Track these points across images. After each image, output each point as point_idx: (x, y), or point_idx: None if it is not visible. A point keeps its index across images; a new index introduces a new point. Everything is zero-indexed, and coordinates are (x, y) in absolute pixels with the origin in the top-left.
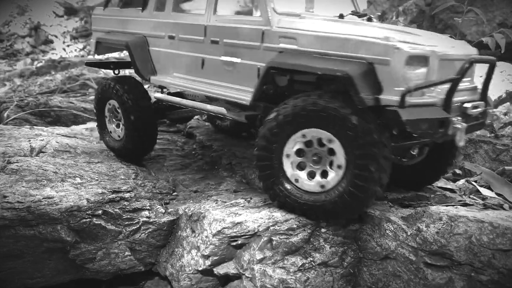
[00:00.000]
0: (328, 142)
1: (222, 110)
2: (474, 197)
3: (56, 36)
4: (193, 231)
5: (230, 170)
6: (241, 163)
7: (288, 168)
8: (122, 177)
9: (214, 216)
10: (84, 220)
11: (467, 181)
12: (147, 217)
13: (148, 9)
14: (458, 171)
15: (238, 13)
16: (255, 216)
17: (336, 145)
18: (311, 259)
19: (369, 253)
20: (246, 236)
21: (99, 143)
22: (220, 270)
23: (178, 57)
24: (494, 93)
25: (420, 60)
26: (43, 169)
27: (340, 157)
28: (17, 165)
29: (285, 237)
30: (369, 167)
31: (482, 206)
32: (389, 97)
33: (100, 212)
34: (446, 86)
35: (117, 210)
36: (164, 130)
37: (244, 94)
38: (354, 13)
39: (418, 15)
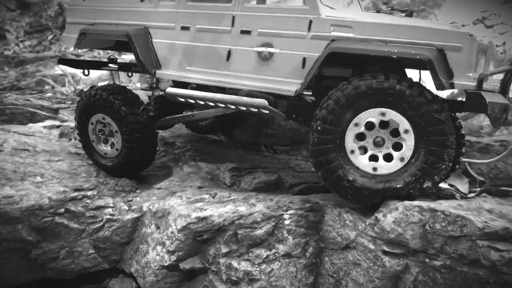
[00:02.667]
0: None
1: (263, 102)
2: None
3: (8, 31)
4: (158, 228)
5: (194, 167)
6: (205, 159)
7: (354, 151)
8: (84, 175)
9: (179, 212)
10: (46, 218)
11: None
12: (110, 214)
13: None
14: None
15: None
16: (220, 211)
17: (408, 130)
18: (275, 250)
19: (330, 243)
20: (212, 231)
21: (59, 141)
22: (185, 265)
23: (193, 49)
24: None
25: (483, 48)
26: (1, 168)
27: (410, 141)
28: None
29: (250, 230)
30: (443, 154)
31: (436, 196)
32: (463, 82)
33: (62, 210)
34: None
35: (79, 208)
36: None
37: (286, 85)
38: (394, 9)
39: None
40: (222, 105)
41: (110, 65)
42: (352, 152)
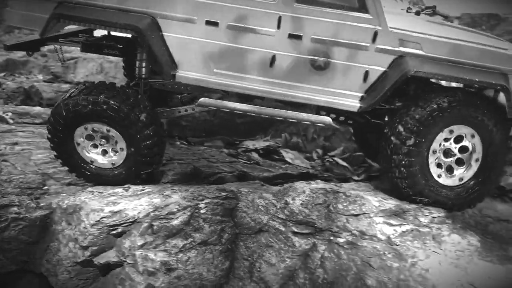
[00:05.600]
0: (471, 138)
1: (328, 120)
2: (330, 174)
3: None
4: (69, 224)
5: None
6: None
7: (433, 166)
8: None
9: (92, 206)
10: None
11: (323, 159)
12: (16, 213)
13: None
14: (319, 150)
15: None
16: (134, 204)
17: (478, 143)
18: (192, 239)
19: (245, 228)
20: (126, 224)
21: None
22: (100, 259)
23: (223, 50)
24: None
25: None
26: None
27: (478, 153)
28: None
29: (166, 221)
30: (501, 162)
31: (337, 180)
32: None
33: None
34: None
35: None
36: (28, 122)
37: (346, 100)
38: (436, 12)
39: None
40: (267, 116)
41: (60, 39)
42: (439, 175)
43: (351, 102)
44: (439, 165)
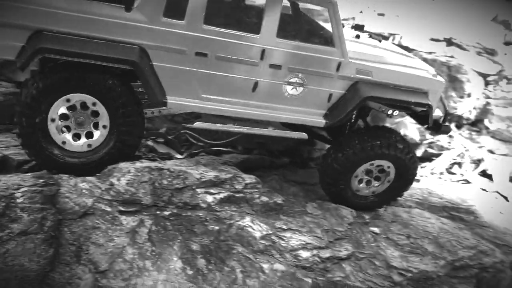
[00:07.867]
0: (387, 168)
1: (304, 136)
2: (154, 154)
3: None
4: None
5: None
6: None
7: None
8: None
9: None
10: None
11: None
12: None
13: (145, 11)
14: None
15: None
16: None
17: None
18: (9, 230)
19: (68, 213)
20: None
21: None
22: None
23: (211, 77)
24: None
25: None
26: None
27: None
28: None
29: None
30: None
31: (161, 159)
32: (435, 114)
33: None
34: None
35: None
36: None
37: (315, 117)
38: (372, 36)
39: None
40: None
41: None
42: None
43: (319, 119)
44: (360, 181)
